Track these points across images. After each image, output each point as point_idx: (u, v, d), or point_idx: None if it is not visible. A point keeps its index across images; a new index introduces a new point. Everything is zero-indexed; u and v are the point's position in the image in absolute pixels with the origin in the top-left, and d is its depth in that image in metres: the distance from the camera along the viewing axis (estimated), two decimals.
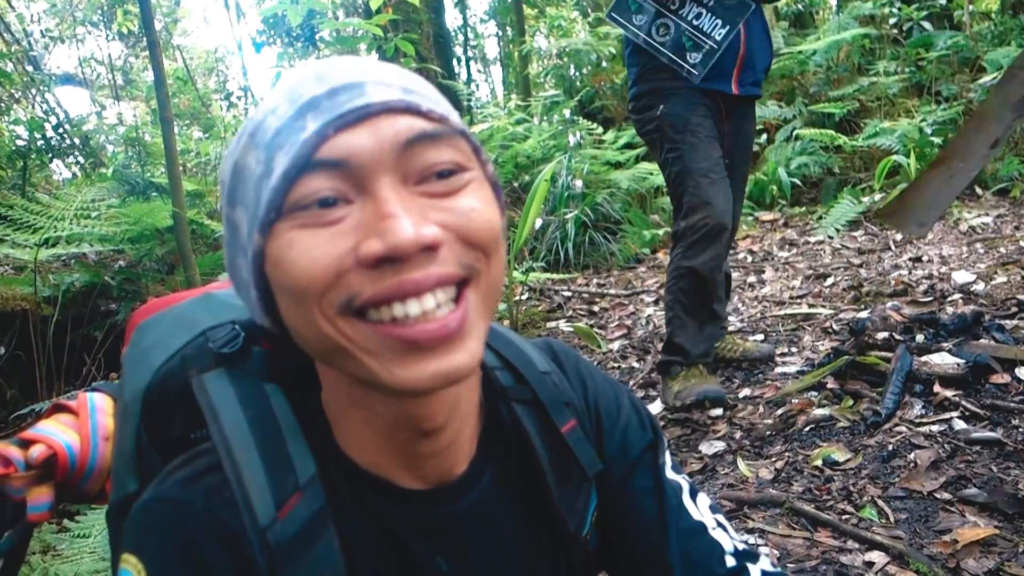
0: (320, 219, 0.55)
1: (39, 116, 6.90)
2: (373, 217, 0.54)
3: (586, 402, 0.81)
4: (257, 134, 0.58)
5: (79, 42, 11.94)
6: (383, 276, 0.54)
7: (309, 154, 0.54)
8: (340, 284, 0.54)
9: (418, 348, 0.55)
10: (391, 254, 0.53)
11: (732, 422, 2.61)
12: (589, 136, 6.96)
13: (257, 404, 0.66)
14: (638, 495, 0.78)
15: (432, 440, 0.65)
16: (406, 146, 0.55)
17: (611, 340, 3.84)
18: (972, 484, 1.95)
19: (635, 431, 0.81)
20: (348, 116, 0.54)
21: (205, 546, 0.60)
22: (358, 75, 0.57)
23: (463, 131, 0.59)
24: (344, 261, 0.54)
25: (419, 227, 0.53)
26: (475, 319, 0.57)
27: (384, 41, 4.66)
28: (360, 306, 0.54)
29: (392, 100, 0.56)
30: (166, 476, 0.65)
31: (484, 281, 0.58)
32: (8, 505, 0.78)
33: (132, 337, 0.81)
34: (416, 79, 0.61)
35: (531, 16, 11.83)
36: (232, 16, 17.73)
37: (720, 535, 0.77)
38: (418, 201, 0.56)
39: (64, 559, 1.93)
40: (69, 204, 3.55)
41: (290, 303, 0.57)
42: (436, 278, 0.54)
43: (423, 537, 0.68)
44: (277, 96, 0.59)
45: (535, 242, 5.49)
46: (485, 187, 0.61)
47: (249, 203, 0.58)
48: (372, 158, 0.54)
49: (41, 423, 0.82)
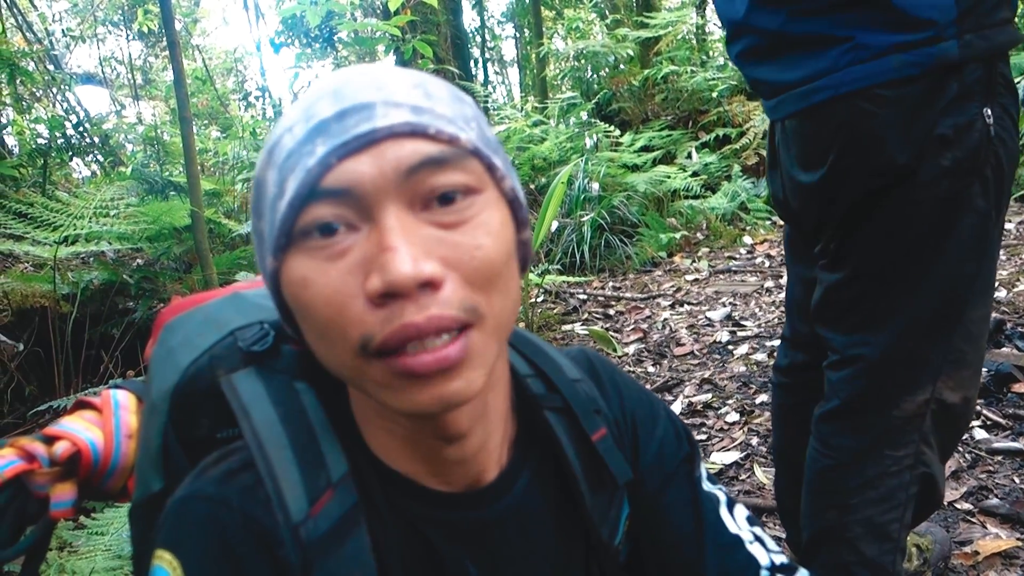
0: (328, 250, 0.54)
1: (60, 115, 6.96)
2: (376, 249, 0.53)
3: (622, 413, 0.80)
4: (275, 152, 0.58)
5: (100, 41, 12.05)
6: (391, 316, 0.53)
7: (314, 182, 0.53)
8: (356, 323, 0.54)
9: (416, 376, 0.54)
10: (389, 290, 0.52)
11: (749, 428, 2.59)
12: (606, 139, 6.95)
13: (288, 402, 0.66)
14: (674, 507, 0.78)
15: (458, 447, 0.65)
16: (409, 173, 0.54)
17: (627, 344, 3.83)
18: (994, 495, 1.92)
19: (671, 443, 0.80)
20: (352, 144, 0.53)
21: (241, 544, 0.60)
22: (371, 94, 0.56)
23: (475, 150, 0.57)
24: (356, 301, 0.54)
25: (419, 262, 0.52)
26: (477, 350, 0.56)
27: (402, 42, 4.66)
28: (374, 350, 0.54)
29: (397, 124, 0.54)
30: (200, 473, 0.65)
31: (488, 323, 0.57)
32: (31, 501, 0.78)
33: (160, 336, 0.81)
34: (434, 90, 0.59)
35: (549, 18, 11.84)
36: (251, 17, 17.85)
37: (757, 549, 0.76)
38: (423, 231, 0.54)
39: (80, 556, 1.93)
40: (88, 202, 3.57)
41: (311, 335, 0.58)
42: (437, 323, 0.53)
43: (453, 540, 0.68)
44: (296, 112, 0.58)
45: (551, 244, 5.49)
46: (498, 209, 0.59)
47: (267, 221, 0.58)
48: (375, 186, 0.53)
49: (65, 419, 0.83)
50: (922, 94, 1.15)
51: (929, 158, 1.17)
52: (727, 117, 7.18)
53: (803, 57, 1.23)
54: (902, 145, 1.18)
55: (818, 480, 1.41)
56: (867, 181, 1.22)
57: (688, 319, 4.09)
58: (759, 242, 5.50)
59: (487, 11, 13.57)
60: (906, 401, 1.30)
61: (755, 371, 3.15)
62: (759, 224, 5.91)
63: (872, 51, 1.16)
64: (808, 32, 1.22)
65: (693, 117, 7.65)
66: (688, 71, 7.77)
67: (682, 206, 6.14)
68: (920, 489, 1.35)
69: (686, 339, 3.75)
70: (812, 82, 1.22)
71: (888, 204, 1.22)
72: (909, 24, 1.13)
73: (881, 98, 1.17)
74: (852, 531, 1.35)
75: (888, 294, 1.27)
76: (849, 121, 1.21)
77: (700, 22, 9.16)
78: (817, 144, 1.27)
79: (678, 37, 8.48)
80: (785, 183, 1.40)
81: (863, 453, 1.34)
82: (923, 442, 1.33)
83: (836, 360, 1.37)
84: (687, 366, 3.40)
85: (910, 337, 1.27)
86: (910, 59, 1.14)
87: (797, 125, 1.30)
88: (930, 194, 1.19)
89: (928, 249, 1.22)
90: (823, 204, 1.30)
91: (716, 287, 4.64)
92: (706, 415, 2.79)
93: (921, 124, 1.16)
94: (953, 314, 1.25)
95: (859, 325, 1.31)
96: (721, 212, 6.04)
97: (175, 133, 7.87)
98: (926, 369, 1.28)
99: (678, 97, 7.83)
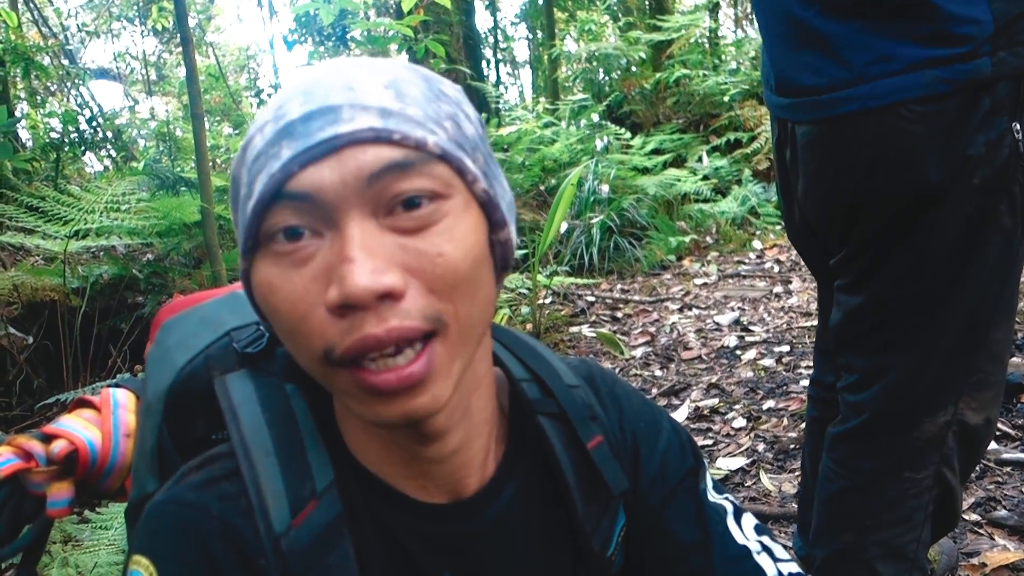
0: (292, 255, 0.54)
1: (73, 109, 6.99)
2: (337, 258, 0.52)
3: (621, 425, 0.78)
4: (247, 151, 0.57)
5: (114, 37, 12.12)
6: (351, 327, 0.52)
7: (277, 188, 0.53)
8: (318, 333, 0.54)
9: (380, 393, 0.54)
10: (346, 303, 0.51)
11: (756, 434, 2.58)
12: (617, 141, 6.94)
13: (277, 405, 0.66)
14: (678, 521, 0.76)
15: (436, 446, 0.63)
16: (372, 180, 0.53)
17: (634, 347, 3.81)
18: (1002, 506, 1.90)
19: (675, 456, 0.79)
20: (314, 150, 0.52)
21: (218, 551, 0.59)
22: (339, 95, 0.55)
23: (444, 154, 0.55)
24: (319, 310, 0.53)
25: (377, 274, 0.51)
26: (442, 363, 0.56)
27: (414, 42, 4.66)
28: (336, 360, 0.54)
29: (360, 130, 0.53)
30: (181, 478, 0.64)
31: (453, 331, 0.56)
32: (28, 500, 0.78)
33: (157, 335, 0.80)
34: (407, 89, 0.57)
35: (561, 19, 11.81)
36: (265, 14, 17.89)
37: (764, 560, 0.74)
38: (386, 239, 0.53)
39: (83, 549, 1.94)
40: (100, 197, 3.58)
41: (282, 337, 0.59)
42: (397, 334, 0.52)
43: (434, 552, 0.67)
44: (268, 111, 0.57)
45: (560, 246, 5.47)
46: (467, 214, 0.57)
47: (239, 221, 0.58)
48: (336, 194, 0.52)
49: (63, 418, 0.82)
50: (957, 111, 1.11)
51: (962, 177, 1.13)
52: (738, 121, 7.15)
53: (827, 61, 1.18)
54: (936, 163, 1.13)
55: (834, 501, 1.37)
56: (897, 200, 1.18)
57: (696, 323, 4.07)
58: (769, 247, 5.47)
59: (500, 12, 13.57)
60: (927, 423, 1.26)
61: (763, 377, 3.13)
62: (769, 229, 5.89)
63: (903, 64, 1.11)
64: (837, 34, 1.16)
65: (704, 121, 7.62)
66: (700, 75, 7.74)
67: (692, 210, 6.12)
68: (938, 508, 1.32)
69: (694, 343, 3.74)
70: (836, 91, 1.17)
71: (917, 224, 1.18)
72: (945, 39, 1.09)
73: (914, 114, 1.12)
74: (869, 552, 1.32)
75: (913, 316, 1.23)
76: (880, 136, 1.15)
77: (713, 26, 9.13)
78: (841, 158, 1.21)
79: (691, 40, 8.45)
80: (798, 195, 1.35)
81: (882, 475, 1.31)
82: (943, 463, 1.29)
83: (855, 381, 1.33)
84: (694, 370, 3.39)
85: (934, 358, 1.24)
86: (943, 75, 1.10)
87: (816, 135, 1.24)
88: (960, 213, 1.15)
89: (955, 269, 1.19)
90: (845, 222, 1.25)
91: (725, 291, 4.63)
92: (713, 420, 2.78)
93: (956, 142, 1.12)
94: (978, 335, 1.22)
95: (881, 347, 1.28)
96: (731, 216, 6.01)
97: (187, 129, 7.89)
98: (948, 390, 1.25)
99: (690, 101, 7.80)
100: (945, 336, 1.22)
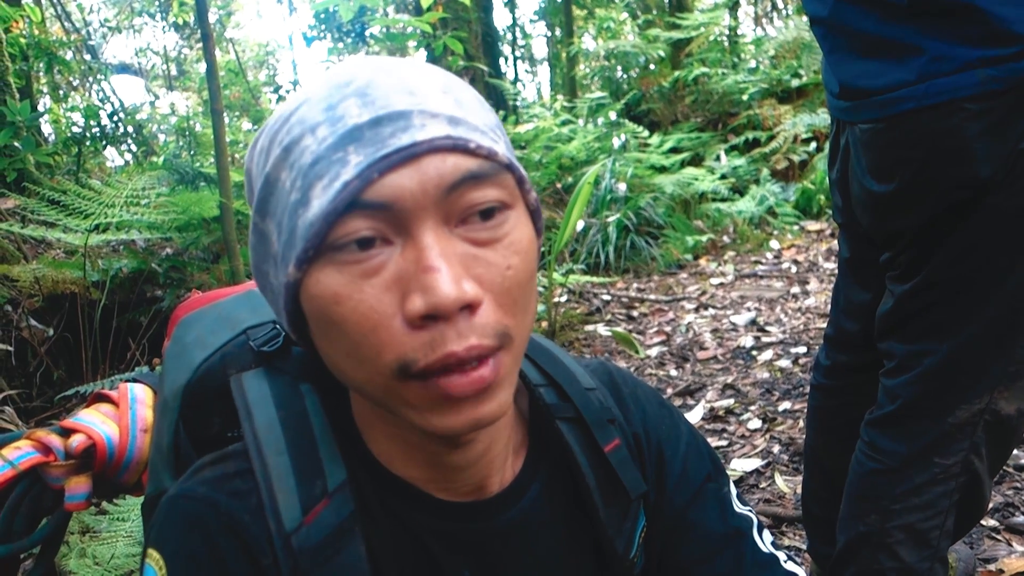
0: (362, 264, 0.53)
1: (95, 104, 7.06)
2: (415, 267, 0.52)
3: (645, 431, 0.79)
4: (292, 152, 0.55)
5: (136, 32, 12.23)
6: (433, 342, 0.52)
7: (353, 196, 0.51)
8: (393, 345, 0.53)
9: (453, 400, 0.54)
10: (432, 313, 0.51)
11: (771, 436, 2.56)
12: (634, 139, 6.91)
13: (292, 404, 0.66)
14: (703, 523, 0.76)
15: (462, 452, 0.64)
16: (451, 189, 0.53)
17: (649, 346, 3.80)
18: (1020, 512, 1.89)
19: (694, 459, 0.79)
20: (393, 157, 0.51)
21: (226, 547, 0.60)
22: (404, 100, 0.54)
23: (509, 164, 0.56)
24: (393, 321, 0.53)
25: (460, 283, 0.51)
26: (507, 371, 0.56)
27: (433, 39, 4.67)
28: (414, 373, 0.54)
29: (439, 138, 0.52)
30: (194, 473, 0.65)
31: (516, 343, 0.57)
32: (47, 493, 0.79)
33: (174, 332, 0.81)
34: (462, 96, 0.57)
35: (580, 17, 11.79)
36: (284, 10, 17.97)
37: (793, 568, 0.75)
38: (459, 248, 0.54)
39: (101, 541, 1.96)
40: (120, 191, 3.60)
41: (338, 352, 0.56)
42: (477, 353, 0.53)
43: (453, 550, 0.67)
44: (314, 110, 0.55)
45: (576, 244, 5.47)
46: (526, 225, 0.58)
47: (282, 225, 0.56)
48: (415, 202, 0.52)
49: (82, 412, 0.83)
50: (1008, 108, 1.15)
51: (1013, 172, 1.17)
52: (757, 120, 7.11)
53: (888, 64, 1.22)
54: (987, 159, 1.17)
55: (862, 484, 1.40)
56: (949, 194, 1.22)
57: (712, 323, 4.05)
58: (786, 247, 5.44)
59: (518, 9, 13.55)
60: (962, 409, 1.30)
61: (779, 378, 3.12)
62: (787, 229, 5.85)
63: (957, 64, 1.14)
64: (895, 38, 1.20)
65: (723, 119, 7.59)
66: (719, 73, 7.70)
67: (709, 209, 6.09)
68: (963, 498, 1.34)
69: (710, 343, 3.72)
70: (893, 91, 1.21)
71: (968, 218, 1.22)
72: (997, 38, 1.12)
73: (967, 112, 1.16)
74: (893, 536, 1.34)
75: (958, 304, 1.28)
76: (933, 133, 1.20)
77: (733, 24, 9.07)
78: (896, 155, 1.26)
79: (710, 39, 8.41)
80: (853, 190, 1.39)
81: (912, 459, 1.34)
82: (972, 451, 1.32)
83: (894, 366, 1.36)
84: (710, 371, 3.37)
85: (974, 346, 1.28)
86: (995, 73, 1.13)
87: (874, 133, 1.29)
88: (1010, 207, 1.20)
89: (1003, 261, 1.23)
90: (899, 215, 1.29)
91: (741, 291, 4.60)
92: (728, 421, 2.77)
93: (1007, 138, 1.16)
94: (1019, 325, 1.26)
95: (924, 333, 1.32)
96: (749, 216, 5.98)
97: (207, 124, 7.95)
98: (985, 378, 1.29)
99: (708, 99, 7.76)
100: (988, 324, 1.26)
